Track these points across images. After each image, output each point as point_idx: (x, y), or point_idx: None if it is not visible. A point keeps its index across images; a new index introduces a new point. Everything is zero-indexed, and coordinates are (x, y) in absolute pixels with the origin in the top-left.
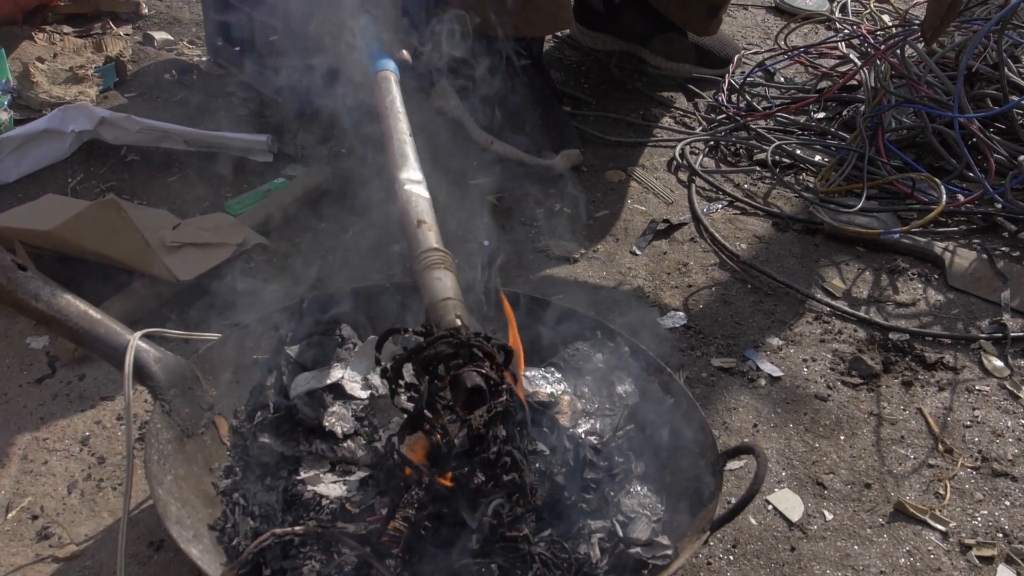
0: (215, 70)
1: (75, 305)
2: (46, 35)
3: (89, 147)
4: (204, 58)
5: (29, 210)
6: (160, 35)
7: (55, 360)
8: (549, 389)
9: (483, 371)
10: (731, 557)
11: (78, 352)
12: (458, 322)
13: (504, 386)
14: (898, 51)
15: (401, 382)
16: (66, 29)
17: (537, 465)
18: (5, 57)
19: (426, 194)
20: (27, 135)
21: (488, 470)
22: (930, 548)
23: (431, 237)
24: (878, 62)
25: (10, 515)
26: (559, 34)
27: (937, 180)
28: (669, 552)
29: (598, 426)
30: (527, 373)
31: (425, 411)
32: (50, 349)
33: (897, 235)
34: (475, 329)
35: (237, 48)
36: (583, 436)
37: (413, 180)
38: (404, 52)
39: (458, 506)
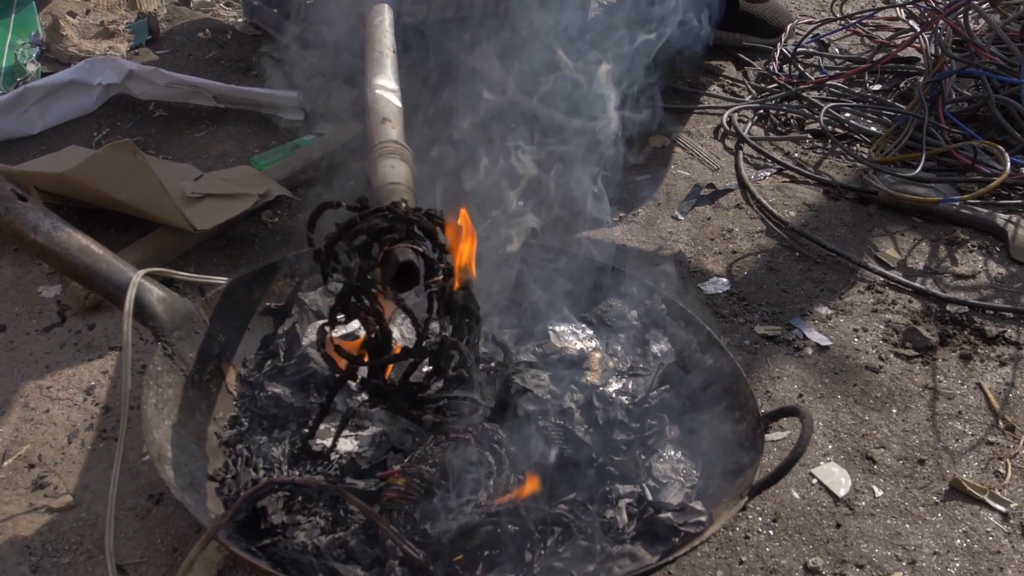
0: (251, 31)
1: (76, 239)
2: None
3: (116, 101)
4: (240, 19)
5: (49, 160)
6: None
7: (65, 309)
8: (579, 345)
9: (418, 248)
10: (771, 532)
11: (89, 301)
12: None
13: (442, 266)
14: (960, 17)
15: (336, 264)
16: None
17: (566, 403)
18: (36, 10)
19: (398, 102)
20: (53, 85)
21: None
22: (988, 529)
23: (392, 132)
24: (940, 26)
25: (6, 463)
26: (603, 2)
27: (1001, 147)
28: (703, 518)
29: (630, 386)
30: (556, 328)
31: (356, 294)
32: (61, 298)
33: (957, 204)
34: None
35: (274, 9)
36: (614, 395)
37: (387, 87)
38: None
39: (397, 403)
